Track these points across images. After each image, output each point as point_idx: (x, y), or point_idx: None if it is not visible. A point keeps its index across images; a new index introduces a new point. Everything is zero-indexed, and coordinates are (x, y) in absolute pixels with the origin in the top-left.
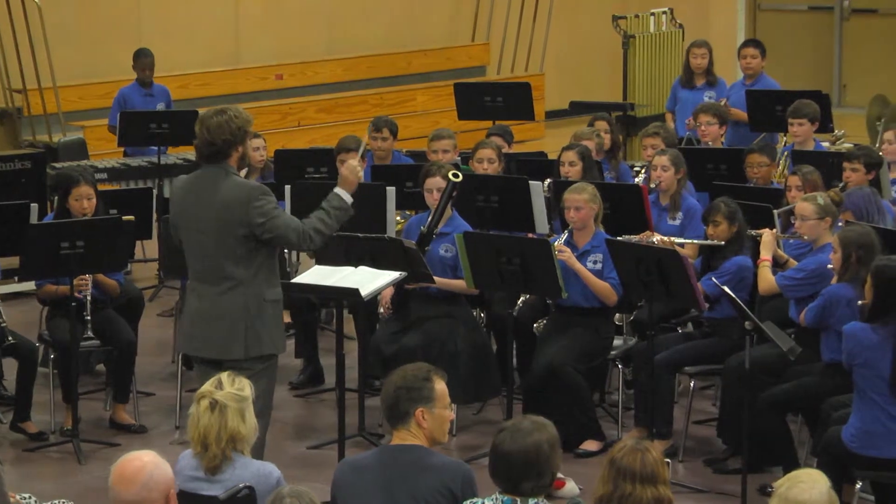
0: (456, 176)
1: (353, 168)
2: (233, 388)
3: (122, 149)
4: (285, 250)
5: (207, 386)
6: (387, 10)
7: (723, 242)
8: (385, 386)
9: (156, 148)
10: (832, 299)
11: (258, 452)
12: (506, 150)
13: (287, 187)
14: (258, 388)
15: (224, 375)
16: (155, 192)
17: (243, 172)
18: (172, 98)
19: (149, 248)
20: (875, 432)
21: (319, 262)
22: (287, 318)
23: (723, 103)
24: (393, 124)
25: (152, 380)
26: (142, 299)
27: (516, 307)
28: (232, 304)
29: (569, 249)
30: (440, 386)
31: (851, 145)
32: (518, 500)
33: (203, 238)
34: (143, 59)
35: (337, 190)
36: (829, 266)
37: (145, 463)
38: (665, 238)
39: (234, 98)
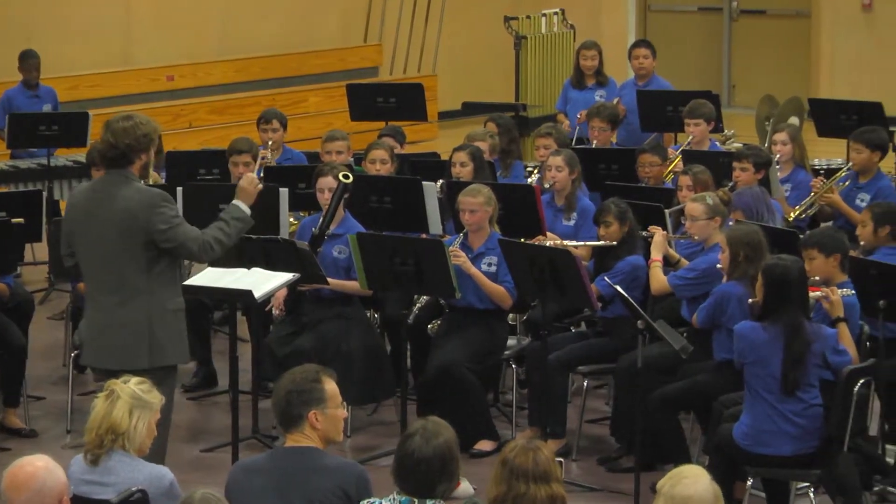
0: (346, 177)
1: (251, 180)
2: (138, 387)
3: (9, 151)
4: None
5: (113, 380)
6: (279, 11)
7: (615, 243)
8: (275, 390)
9: (45, 150)
10: (722, 297)
11: (159, 459)
12: (398, 150)
13: (179, 189)
14: None
15: (136, 378)
16: (45, 194)
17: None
18: (63, 99)
19: (38, 250)
20: (766, 430)
21: (212, 263)
22: None
23: (615, 102)
24: (282, 116)
25: (43, 383)
26: (32, 302)
27: (413, 311)
28: (133, 314)
29: (464, 254)
30: (330, 386)
31: (741, 145)
32: (416, 500)
33: (103, 246)
34: (29, 61)
35: (235, 201)
36: (719, 266)
37: (38, 468)
38: (557, 241)
39: (126, 99)
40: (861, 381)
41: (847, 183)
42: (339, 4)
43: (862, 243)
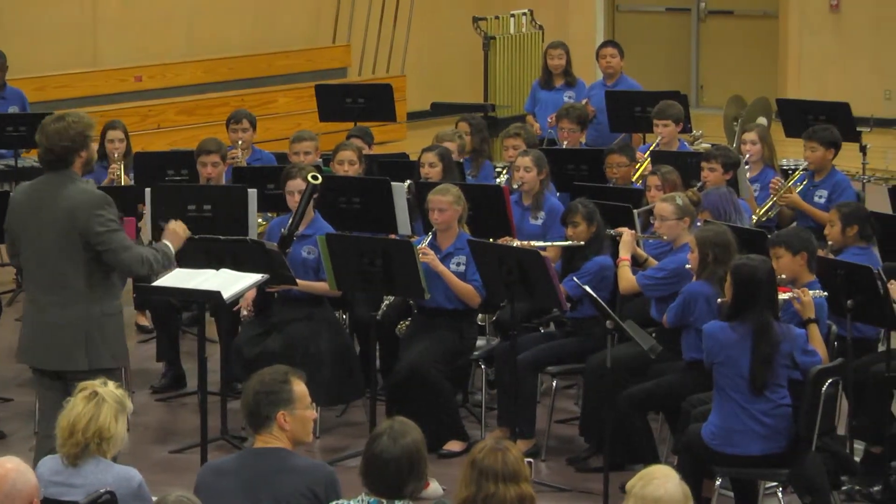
0: (315, 178)
1: (183, 227)
2: (118, 391)
3: None
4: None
5: (91, 382)
6: (247, 11)
7: (582, 243)
8: (244, 391)
9: (11, 151)
10: (691, 297)
11: None
12: (366, 151)
13: (147, 190)
14: None
15: (112, 382)
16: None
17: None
18: (30, 100)
19: (5, 252)
20: (734, 429)
21: (181, 264)
22: (147, 322)
23: (584, 103)
24: (252, 116)
25: (10, 385)
26: None
27: (380, 312)
28: (73, 315)
29: (432, 252)
30: (299, 387)
31: (709, 145)
32: (384, 501)
33: (44, 246)
34: None
35: (166, 241)
36: (688, 266)
37: (8, 470)
38: (525, 243)
39: (93, 100)
40: (829, 381)
41: (804, 182)
42: (307, 5)
43: (830, 243)
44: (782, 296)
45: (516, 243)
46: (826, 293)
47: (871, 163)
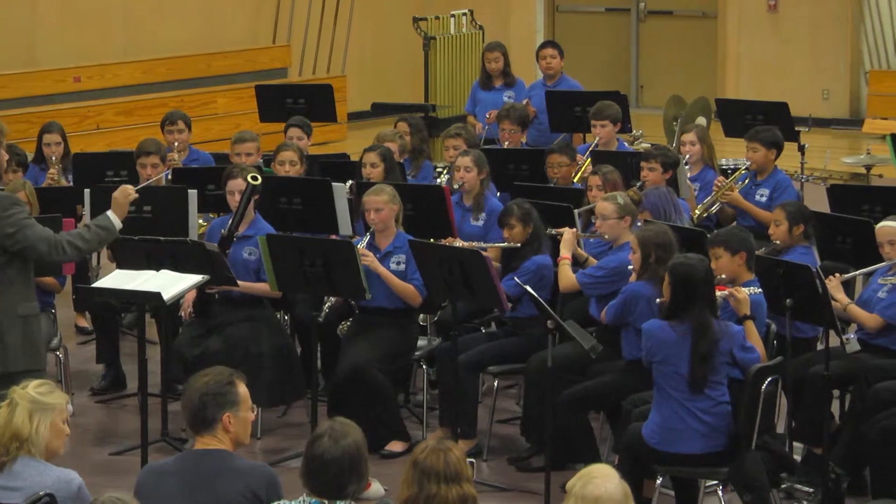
0: (255, 178)
1: (125, 192)
2: (35, 390)
3: None
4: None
5: (18, 386)
6: (186, 11)
7: (519, 244)
8: (187, 392)
9: None
10: (631, 297)
11: None
12: (305, 141)
13: (86, 191)
14: None
15: (36, 381)
16: None
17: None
18: None
19: None
20: (674, 428)
21: (121, 266)
22: (87, 323)
23: (525, 103)
24: (186, 117)
25: None
26: None
27: (322, 312)
28: None
29: (371, 253)
30: (243, 389)
31: (649, 145)
32: (325, 502)
33: None
34: None
35: (108, 212)
36: (630, 267)
37: None
38: (465, 244)
39: (31, 101)
40: (769, 379)
41: (746, 182)
42: (246, 5)
43: (777, 242)
44: (718, 294)
45: (459, 244)
46: (761, 290)
47: (809, 162)
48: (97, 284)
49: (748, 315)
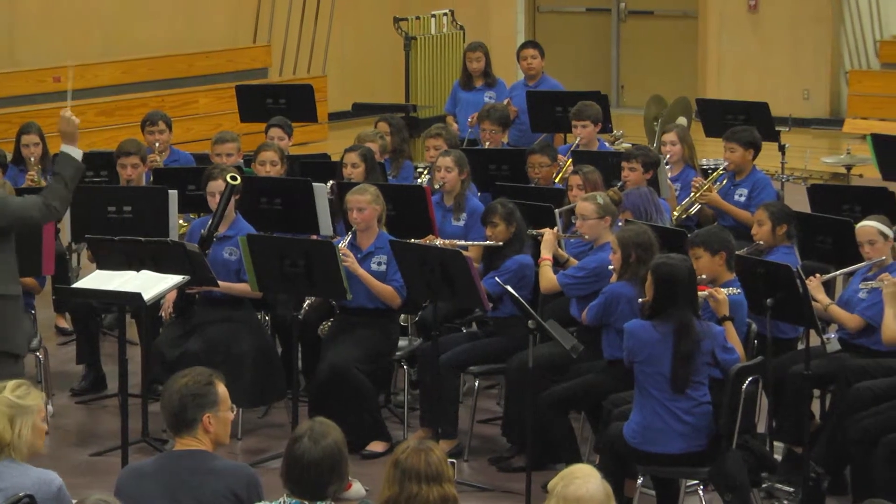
0: (234, 179)
1: (67, 119)
2: (12, 393)
3: None
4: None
5: None
6: (167, 11)
7: (501, 243)
8: (166, 393)
9: None
10: (613, 298)
11: None
12: (285, 142)
13: None
14: None
15: (12, 382)
16: None
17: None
18: None
19: None
20: (655, 428)
21: (101, 266)
22: (67, 324)
23: (506, 103)
24: (167, 117)
25: None
26: None
27: (301, 312)
28: None
29: (352, 254)
30: (222, 389)
31: (629, 145)
32: (306, 502)
33: None
34: None
35: (63, 148)
36: (610, 267)
37: None
38: (446, 241)
39: (11, 101)
40: (749, 379)
41: (725, 182)
42: (227, 5)
43: (760, 242)
44: (698, 294)
45: (439, 242)
46: (740, 291)
47: (789, 162)
48: (77, 285)
49: (727, 316)
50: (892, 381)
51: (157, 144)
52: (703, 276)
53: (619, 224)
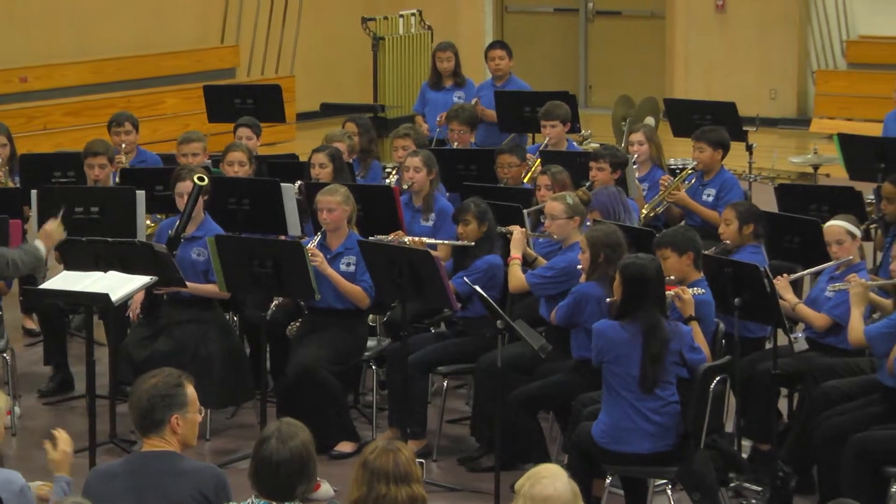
0: (202, 179)
1: (58, 231)
2: None
3: None
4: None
5: None
6: (135, 11)
7: (472, 243)
8: (135, 394)
9: None
10: (581, 298)
11: None
12: (253, 142)
13: (33, 192)
14: None
15: None
16: None
17: None
18: None
19: None
20: (624, 427)
21: (68, 267)
22: (34, 325)
23: (474, 103)
24: (133, 118)
25: None
26: None
27: (269, 310)
28: None
29: (321, 254)
30: (191, 390)
31: (598, 145)
32: (274, 503)
33: None
34: None
35: (37, 242)
36: (579, 267)
37: None
38: (416, 238)
39: None
40: (717, 379)
41: (693, 181)
42: (195, 5)
43: (727, 242)
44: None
45: (407, 239)
46: (705, 291)
47: (757, 162)
48: (45, 286)
49: (693, 316)
50: (859, 380)
51: (123, 145)
52: (671, 277)
53: (588, 224)
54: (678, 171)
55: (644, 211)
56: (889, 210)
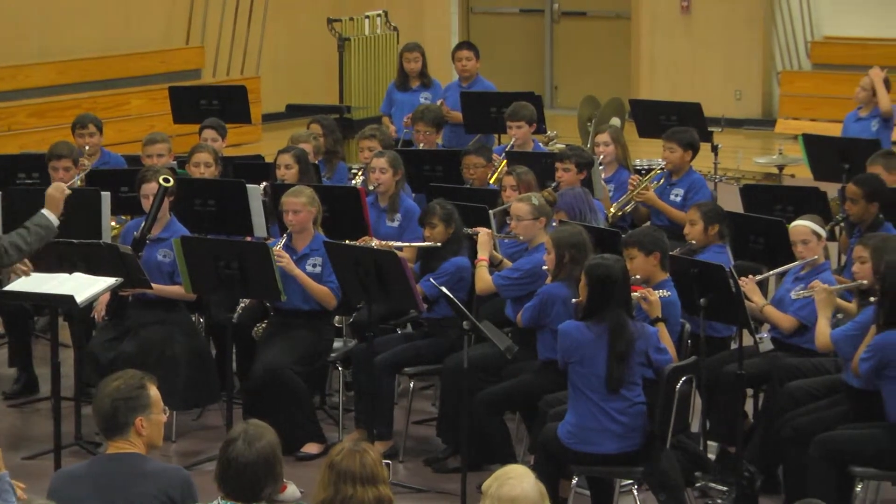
0: (167, 181)
1: (59, 187)
2: None
3: None
4: None
5: None
6: (100, 12)
7: (439, 244)
8: (98, 396)
9: None
10: (547, 299)
11: None
12: (219, 143)
13: None
14: None
15: None
16: None
17: None
18: None
19: None
20: (590, 428)
21: (34, 269)
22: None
23: (440, 104)
24: (97, 120)
25: None
26: None
27: (236, 313)
28: None
29: (287, 255)
30: (154, 392)
31: (563, 146)
32: None
33: None
34: None
35: (43, 210)
36: (545, 267)
37: None
38: (383, 242)
39: None
40: (683, 379)
41: (661, 181)
42: (160, 6)
43: (693, 242)
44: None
45: (375, 243)
46: (671, 293)
47: (722, 162)
48: (9, 287)
49: (660, 317)
50: (824, 380)
51: (87, 147)
52: (637, 277)
53: (554, 224)
54: (644, 171)
55: (612, 210)
56: (853, 211)
